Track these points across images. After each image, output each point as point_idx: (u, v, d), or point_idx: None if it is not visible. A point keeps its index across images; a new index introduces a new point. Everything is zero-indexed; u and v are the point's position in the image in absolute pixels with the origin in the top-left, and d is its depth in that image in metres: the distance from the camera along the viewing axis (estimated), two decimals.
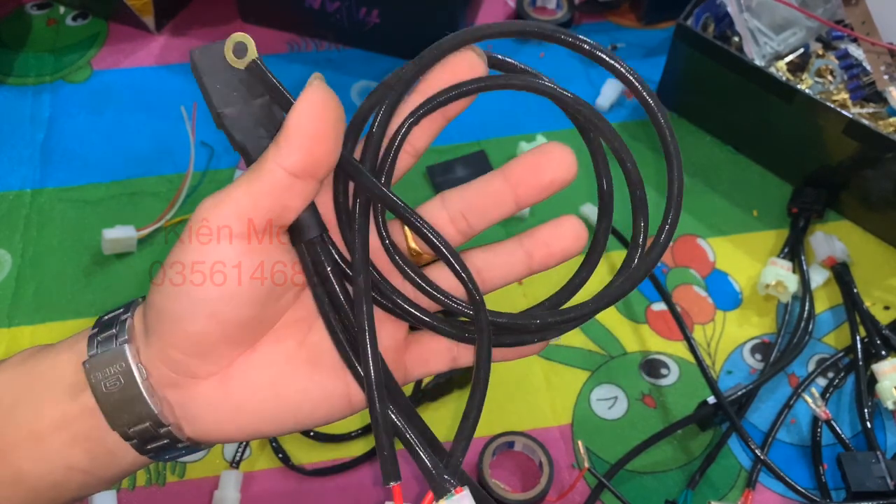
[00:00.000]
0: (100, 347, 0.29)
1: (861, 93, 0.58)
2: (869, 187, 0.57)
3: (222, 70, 0.28)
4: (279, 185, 0.26)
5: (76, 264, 0.58)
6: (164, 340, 0.28)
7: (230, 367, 0.29)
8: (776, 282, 0.55)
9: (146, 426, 0.29)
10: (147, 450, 0.30)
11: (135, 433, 0.29)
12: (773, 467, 0.48)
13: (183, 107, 0.64)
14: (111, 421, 0.29)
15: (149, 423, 0.28)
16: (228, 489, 0.47)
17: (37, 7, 0.73)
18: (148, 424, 0.28)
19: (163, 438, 0.29)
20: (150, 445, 0.29)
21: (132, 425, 0.28)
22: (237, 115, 0.28)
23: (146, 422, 0.28)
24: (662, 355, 0.54)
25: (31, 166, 0.63)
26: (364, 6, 0.66)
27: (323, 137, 0.26)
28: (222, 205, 0.27)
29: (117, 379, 0.28)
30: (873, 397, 0.52)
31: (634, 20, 0.73)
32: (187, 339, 0.28)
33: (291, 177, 0.26)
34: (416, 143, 0.31)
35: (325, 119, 0.26)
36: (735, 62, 0.58)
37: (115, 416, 0.28)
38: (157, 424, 0.29)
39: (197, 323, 0.28)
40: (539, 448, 0.49)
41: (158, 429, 0.29)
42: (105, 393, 0.28)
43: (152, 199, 0.61)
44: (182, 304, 0.28)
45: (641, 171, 0.33)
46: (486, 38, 0.30)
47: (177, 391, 0.29)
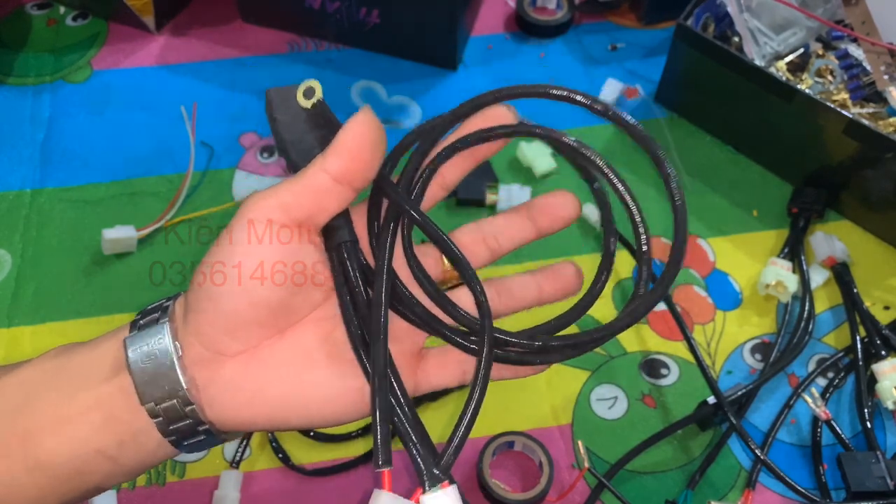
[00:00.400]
0: (141, 328, 0.32)
1: (861, 93, 0.58)
2: (869, 187, 0.57)
3: (291, 108, 0.34)
4: (321, 187, 0.31)
5: (76, 264, 0.58)
6: (200, 316, 0.31)
7: (256, 348, 0.32)
8: (776, 282, 0.55)
9: (173, 403, 0.31)
10: (170, 431, 0.31)
11: (162, 410, 0.31)
12: (773, 467, 0.48)
13: (183, 107, 0.64)
14: (142, 396, 0.31)
15: (176, 400, 0.31)
16: (228, 489, 0.47)
17: (37, 7, 0.73)
18: (175, 401, 0.31)
19: (186, 418, 0.31)
20: (174, 426, 0.31)
21: (161, 401, 0.31)
22: (297, 141, 0.33)
23: (174, 398, 0.31)
24: (662, 355, 0.54)
25: (31, 166, 0.63)
26: (364, 6, 0.66)
27: (364, 151, 0.31)
28: (268, 198, 0.31)
29: (154, 354, 0.31)
30: (873, 397, 0.52)
31: (634, 20, 0.73)
32: (222, 316, 0.31)
33: (332, 181, 0.31)
34: (448, 178, 0.36)
35: (367, 137, 0.31)
36: (735, 62, 0.58)
37: (147, 390, 0.31)
38: (183, 402, 0.31)
39: (232, 301, 0.31)
40: (539, 448, 0.49)
41: (184, 407, 0.31)
42: (141, 367, 0.31)
43: (152, 199, 0.61)
44: (227, 289, 0.31)
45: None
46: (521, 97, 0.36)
47: (205, 370, 0.31)
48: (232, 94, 0.67)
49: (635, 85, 0.67)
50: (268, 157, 0.64)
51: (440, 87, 0.68)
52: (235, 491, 0.48)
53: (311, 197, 0.31)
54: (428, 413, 0.51)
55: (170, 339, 0.31)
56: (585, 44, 0.71)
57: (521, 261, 0.58)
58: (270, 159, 0.63)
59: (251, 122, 0.66)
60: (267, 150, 0.64)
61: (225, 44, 0.71)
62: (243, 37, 0.71)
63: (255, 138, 0.65)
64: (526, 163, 0.62)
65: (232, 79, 0.68)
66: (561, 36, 0.72)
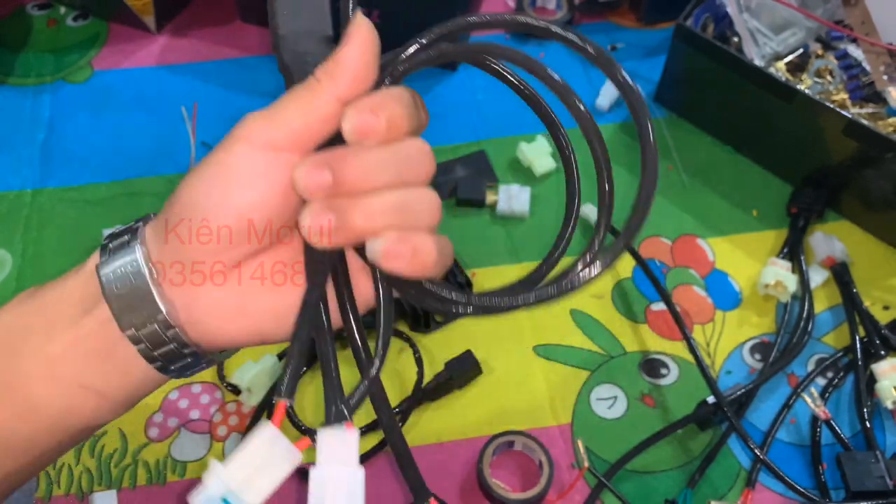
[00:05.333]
0: (112, 253, 0.31)
1: (860, 93, 0.58)
2: (868, 187, 0.57)
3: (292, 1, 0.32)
4: (331, 114, 0.29)
5: (76, 264, 0.57)
6: (183, 235, 0.30)
7: (235, 268, 0.31)
8: (776, 282, 0.56)
9: (154, 328, 0.30)
10: (155, 356, 0.31)
11: (144, 335, 0.30)
12: (772, 467, 0.48)
13: (183, 107, 0.64)
14: (121, 322, 0.30)
15: (157, 325, 0.30)
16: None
17: (37, 7, 0.73)
18: (156, 326, 0.30)
19: (170, 342, 0.30)
20: (158, 351, 0.31)
21: (141, 326, 0.30)
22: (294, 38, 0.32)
23: (154, 322, 0.30)
24: (662, 355, 0.55)
25: (31, 166, 0.63)
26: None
27: (369, 72, 0.30)
28: (273, 122, 0.29)
29: (128, 278, 0.30)
30: (872, 397, 0.52)
31: (634, 20, 0.73)
32: (210, 234, 0.30)
33: (341, 105, 0.29)
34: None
35: (371, 54, 0.30)
36: (735, 62, 0.58)
37: (125, 316, 0.30)
38: (164, 325, 0.30)
39: (226, 218, 0.30)
40: (539, 448, 0.49)
41: (166, 330, 0.30)
42: (116, 293, 0.30)
43: (152, 199, 0.61)
44: (214, 200, 0.30)
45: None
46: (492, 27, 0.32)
47: (184, 292, 0.31)
48: (232, 94, 0.67)
49: (635, 85, 0.67)
50: None
51: (440, 87, 0.68)
52: None
53: (318, 122, 0.29)
54: (428, 412, 0.52)
55: (144, 262, 0.30)
56: None
57: (520, 261, 0.58)
58: None
59: None
60: None
61: (225, 44, 0.71)
62: (243, 37, 0.71)
63: None
64: (526, 163, 0.62)
65: (232, 79, 0.68)
66: None
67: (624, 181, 0.62)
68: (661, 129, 0.65)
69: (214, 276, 0.31)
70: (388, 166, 0.29)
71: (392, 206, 0.29)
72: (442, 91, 0.68)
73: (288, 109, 0.30)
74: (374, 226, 0.29)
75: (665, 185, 0.62)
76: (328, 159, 0.29)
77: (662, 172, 0.63)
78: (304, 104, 0.29)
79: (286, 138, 0.29)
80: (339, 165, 0.29)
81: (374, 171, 0.29)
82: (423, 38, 0.32)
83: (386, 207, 0.29)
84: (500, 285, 0.33)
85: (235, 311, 0.31)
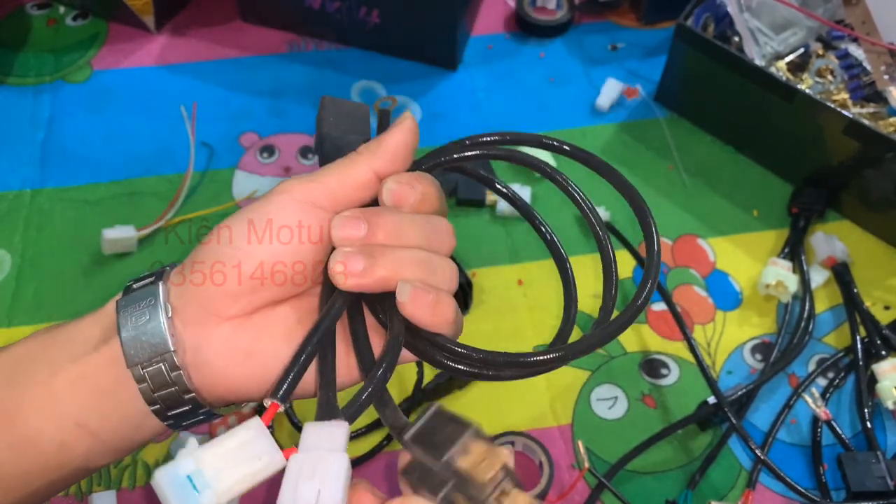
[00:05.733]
0: (133, 292, 0.32)
1: (861, 93, 0.58)
2: (869, 187, 0.57)
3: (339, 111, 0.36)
4: (363, 182, 0.33)
5: (76, 264, 0.58)
6: (206, 276, 0.31)
7: (252, 315, 0.32)
8: (776, 282, 0.55)
9: (160, 367, 0.30)
10: (155, 398, 0.31)
11: (149, 374, 0.30)
12: (773, 467, 0.48)
13: (183, 107, 0.64)
14: (129, 357, 0.30)
15: (163, 364, 0.30)
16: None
17: (37, 7, 0.73)
18: (162, 365, 0.30)
19: (172, 385, 0.31)
20: (161, 393, 0.31)
21: (148, 364, 0.30)
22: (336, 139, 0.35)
23: (161, 361, 0.30)
24: (662, 355, 0.54)
25: (31, 166, 0.63)
26: (364, 6, 0.66)
27: (406, 157, 0.34)
28: (313, 182, 0.32)
29: (143, 314, 0.31)
30: (873, 397, 0.52)
31: (634, 20, 0.73)
32: (234, 279, 0.31)
33: (375, 178, 0.33)
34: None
35: (411, 145, 0.34)
36: (735, 62, 0.58)
37: (134, 352, 0.30)
38: (170, 366, 0.30)
39: (254, 261, 0.31)
40: (539, 448, 0.49)
41: (171, 371, 0.30)
42: (130, 327, 0.31)
43: (152, 199, 0.61)
44: (246, 243, 0.31)
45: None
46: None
47: (196, 332, 0.31)
48: (232, 94, 0.67)
49: (635, 85, 0.67)
50: (267, 157, 0.64)
51: (440, 87, 0.68)
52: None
53: (353, 187, 0.33)
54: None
55: (162, 300, 0.31)
56: (585, 44, 0.71)
57: (520, 261, 0.58)
58: (270, 159, 0.63)
59: (251, 122, 0.66)
60: (267, 150, 0.64)
61: (225, 44, 0.71)
62: (243, 37, 0.71)
63: (255, 138, 0.65)
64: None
65: (232, 79, 0.68)
66: (561, 36, 0.72)
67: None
68: (661, 129, 0.65)
69: (230, 320, 0.32)
70: (417, 230, 0.32)
71: (418, 260, 0.31)
72: (442, 91, 0.68)
73: (328, 174, 0.33)
74: (400, 275, 0.31)
75: (665, 185, 0.62)
76: (364, 213, 0.32)
77: (663, 172, 0.63)
78: (343, 170, 0.33)
79: (323, 197, 0.32)
80: (374, 220, 0.31)
81: (405, 230, 0.32)
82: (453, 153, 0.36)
83: (413, 260, 0.31)
84: (500, 285, 0.33)
85: (244, 354, 0.32)
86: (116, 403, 0.31)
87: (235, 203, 0.61)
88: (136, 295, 0.32)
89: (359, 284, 0.31)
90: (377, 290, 0.31)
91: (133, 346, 0.30)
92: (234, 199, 0.61)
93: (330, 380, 0.30)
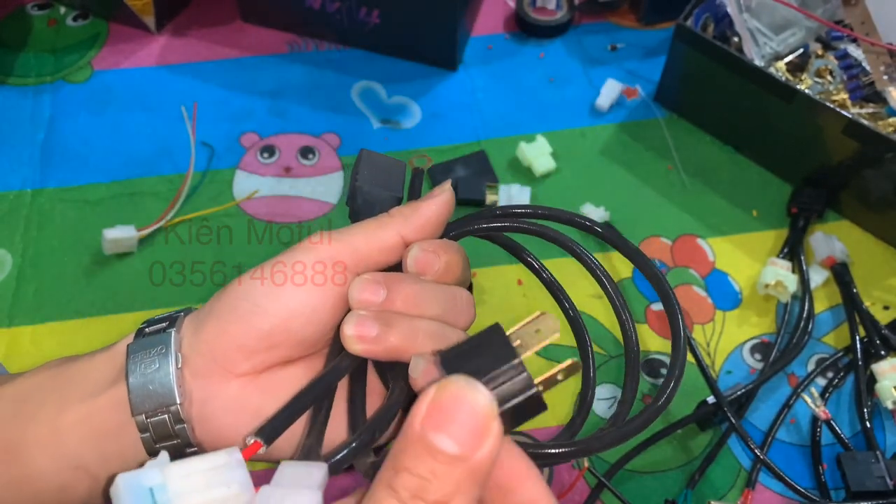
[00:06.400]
0: (146, 336, 0.31)
1: (860, 93, 0.58)
2: (868, 187, 0.57)
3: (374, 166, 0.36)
4: (389, 245, 0.32)
5: (76, 264, 0.58)
6: (225, 327, 0.31)
7: (263, 373, 0.31)
8: (776, 282, 0.56)
9: (164, 418, 0.30)
10: (157, 450, 0.30)
11: (152, 424, 0.30)
12: (772, 467, 0.48)
13: (183, 107, 0.64)
14: (134, 406, 0.30)
15: (168, 415, 0.30)
16: None
17: (37, 7, 0.73)
18: (167, 416, 0.30)
19: (175, 437, 0.30)
20: (163, 444, 0.30)
21: (152, 414, 0.30)
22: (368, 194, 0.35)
23: (166, 413, 0.30)
24: (662, 355, 0.55)
25: (31, 166, 0.63)
26: (364, 6, 0.66)
27: (437, 227, 0.33)
28: (341, 244, 0.32)
29: (154, 362, 0.30)
30: (873, 397, 0.52)
31: (634, 20, 0.73)
32: (252, 333, 0.30)
33: (402, 243, 0.32)
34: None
35: (444, 216, 0.33)
36: (735, 62, 0.58)
37: (140, 400, 0.30)
38: (175, 418, 0.30)
39: (271, 317, 0.30)
40: None
41: (175, 424, 0.30)
42: (138, 375, 0.30)
43: (152, 199, 0.61)
44: (265, 296, 0.31)
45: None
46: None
47: (204, 385, 0.31)
48: (232, 94, 0.67)
49: (635, 85, 0.67)
50: (268, 157, 0.64)
51: (440, 87, 0.68)
52: None
53: (380, 250, 0.32)
54: None
55: (174, 349, 0.30)
56: (585, 44, 0.71)
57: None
58: (270, 159, 0.64)
59: (251, 122, 0.66)
60: (267, 151, 0.64)
61: (225, 44, 0.71)
62: (243, 37, 0.71)
63: (256, 138, 0.65)
64: (526, 162, 0.62)
65: (232, 79, 0.68)
66: (561, 36, 0.72)
67: (623, 180, 0.62)
68: (660, 129, 0.65)
69: (241, 377, 0.31)
70: (437, 300, 0.32)
71: (433, 332, 0.31)
72: (442, 91, 0.68)
73: (355, 233, 0.32)
74: (413, 346, 0.30)
75: (665, 185, 0.62)
76: (386, 279, 0.31)
77: (662, 172, 0.63)
78: (370, 232, 0.32)
79: (349, 256, 0.31)
80: (394, 287, 0.31)
81: (424, 300, 0.31)
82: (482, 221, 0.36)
83: (428, 332, 0.30)
84: (500, 285, 0.33)
85: (252, 413, 0.31)
86: (118, 447, 0.31)
87: (236, 203, 0.61)
88: (148, 341, 0.31)
89: (369, 350, 0.30)
90: (387, 358, 0.30)
91: (139, 395, 0.30)
92: (234, 199, 0.61)
93: (319, 431, 0.30)
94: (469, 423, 0.23)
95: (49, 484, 0.31)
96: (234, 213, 0.60)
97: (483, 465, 0.23)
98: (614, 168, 0.63)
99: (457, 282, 0.33)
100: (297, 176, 0.63)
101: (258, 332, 0.30)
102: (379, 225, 0.33)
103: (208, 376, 0.31)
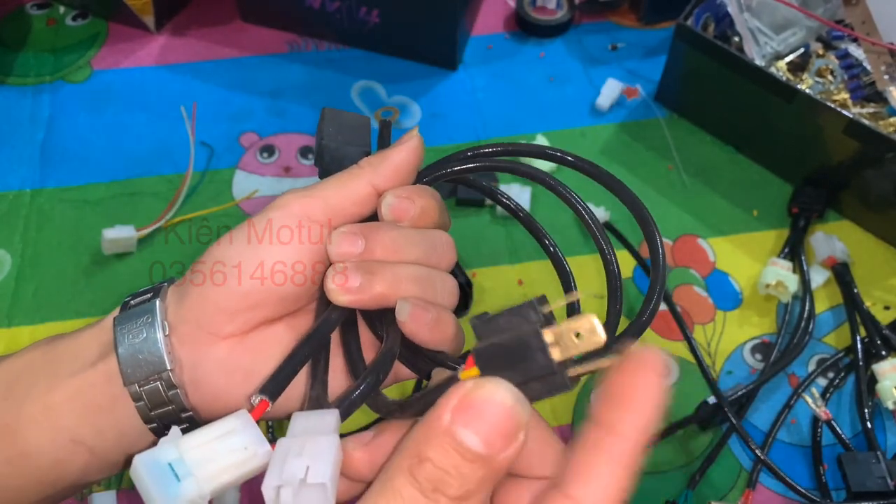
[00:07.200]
0: (131, 308, 0.32)
1: (861, 93, 0.58)
2: (869, 187, 0.57)
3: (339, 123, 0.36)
4: (363, 196, 0.32)
5: (76, 264, 0.58)
6: (205, 293, 0.31)
7: (249, 333, 0.31)
8: (776, 282, 0.55)
9: (157, 385, 0.30)
10: (152, 417, 0.31)
11: (145, 392, 0.30)
12: (773, 467, 0.48)
13: (183, 107, 0.64)
14: (126, 376, 0.30)
15: (160, 382, 0.30)
16: (228, 489, 0.47)
17: (37, 7, 0.73)
18: (159, 383, 0.30)
19: (169, 403, 0.30)
20: (156, 411, 0.30)
21: (145, 383, 0.30)
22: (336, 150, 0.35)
23: (158, 380, 0.30)
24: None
25: (30, 166, 0.63)
26: (364, 6, 0.66)
27: (408, 174, 0.33)
28: (311, 196, 0.32)
29: (141, 331, 0.30)
30: (873, 397, 0.52)
31: (634, 20, 0.73)
32: (232, 296, 0.31)
33: (374, 193, 0.32)
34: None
35: (414, 162, 0.33)
36: (735, 62, 0.58)
37: (131, 370, 0.30)
38: (167, 384, 0.30)
39: (243, 282, 0.31)
40: None
41: (168, 390, 0.30)
42: (127, 345, 0.30)
43: (152, 199, 0.61)
44: (243, 255, 0.31)
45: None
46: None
47: (194, 350, 0.31)
48: (232, 94, 0.67)
49: (635, 85, 0.67)
50: (267, 157, 0.64)
51: (440, 87, 0.68)
52: (235, 491, 0.48)
53: (353, 202, 0.32)
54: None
55: (160, 318, 0.31)
56: (585, 44, 0.71)
57: (520, 261, 0.58)
58: (270, 159, 0.63)
59: (251, 122, 0.66)
60: (266, 150, 0.64)
61: (225, 44, 0.71)
62: (243, 37, 0.71)
63: (255, 138, 0.65)
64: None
65: (232, 79, 0.68)
66: (561, 36, 0.72)
67: (623, 179, 0.62)
68: (661, 129, 0.65)
69: (227, 339, 0.31)
70: (416, 245, 0.32)
71: (417, 276, 0.31)
72: (442, 91, 0.68)
73: (326, 187, 0.32)
74: (398, 292, 0.30)
75: (665, 185, 0.62)
76: (362, 229, 0.31)
77: (662, 172, 0.63)
78: (342, 185, 0.32)
79: (321, 211, 0.31)
80: (372, 236, 0.31)
81: (404, 245, 0.31)
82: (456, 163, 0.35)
83: (411, 276, 0.31)
84: (500, 285, 0.33)
85: (244, 373, 0.31)
86: (113, 420, 0.31)
87: (235, 203, 0.61)
88: (133, 312, 0.31)
89: (355, 301, 0.30)
90: (374, 306, 0.30)
91: (130, 365, 0.30)
92: (234, 199, 0.61)
93: (322, 381, 0.30)
94: (500, 426, 0.23)
95: (46, 460, 0.31)
96: (234, 213, 0.60)
97: (504, 468, 0.23)
98: (614, 168, 0.63)
99: (435, 226, 0.33)
100: (297, 176, 0.63)
101: (236, 293, 0.31)
102: (350, 177, 0.32)
103: (195, 342, 0.31)
